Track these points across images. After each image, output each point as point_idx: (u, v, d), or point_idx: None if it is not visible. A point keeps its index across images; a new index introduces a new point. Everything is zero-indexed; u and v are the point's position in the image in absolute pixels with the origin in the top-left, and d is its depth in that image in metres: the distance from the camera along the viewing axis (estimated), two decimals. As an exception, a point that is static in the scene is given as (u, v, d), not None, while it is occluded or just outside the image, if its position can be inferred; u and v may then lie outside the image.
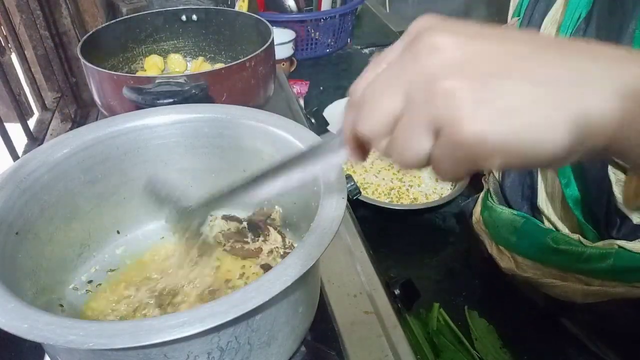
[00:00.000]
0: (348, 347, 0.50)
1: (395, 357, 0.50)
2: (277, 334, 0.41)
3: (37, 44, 0.96)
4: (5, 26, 0.96)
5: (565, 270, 0.67)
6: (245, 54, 0.81)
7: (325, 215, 0.40)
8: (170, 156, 0.57)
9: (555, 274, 0.68)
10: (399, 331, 0.52)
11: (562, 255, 0.66)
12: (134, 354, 0.34)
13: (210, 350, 0.36)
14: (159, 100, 0.60)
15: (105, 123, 0.54)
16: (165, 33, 0.88)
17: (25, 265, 0.45)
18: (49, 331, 0.32)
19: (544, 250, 0.67)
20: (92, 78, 0.71)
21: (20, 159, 0.48)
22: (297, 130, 0.52)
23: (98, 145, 0.53)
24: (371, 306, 0.55)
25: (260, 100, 0.76)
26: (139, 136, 0.55)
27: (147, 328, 0.31)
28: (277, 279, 0.34)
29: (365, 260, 0.61)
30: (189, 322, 0.32)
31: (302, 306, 0.43)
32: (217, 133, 0.56)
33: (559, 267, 0.67)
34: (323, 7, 1.43)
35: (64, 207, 0.50)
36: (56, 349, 0.39)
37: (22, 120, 0.92)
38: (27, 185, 0.47)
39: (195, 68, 0.90)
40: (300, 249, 0.37)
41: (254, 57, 0.70)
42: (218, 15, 0.87)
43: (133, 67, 0.88)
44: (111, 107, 0.71)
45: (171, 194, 0.48)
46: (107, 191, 0.55)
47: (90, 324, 0.32)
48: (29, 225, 0.46)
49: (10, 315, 0.33)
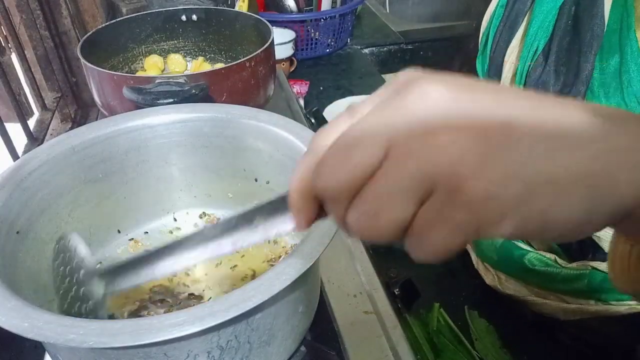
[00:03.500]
0: (348, 347, 0.50)
1: (395, 357, 0.50)
2: (277, 333, 0.41)
3: (37, 44, 0.96)
4: (5, 26, 0.96)
5: (545, 289, 0.67)
6: (245, 54, 0.81)
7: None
8: (170, 155, 0.57)
9: (536, 292, 0.69)
10: (399, 331, 0.52)
11: (540, 275, 0.66)
12: (134, 353, 0.34)
13: (210, 349, 0.36)
14: (159, 100, 0.60)
15: (106, 122, 0.54)
16: (165, 33, 0.88)
17: (26, 264, 0.45)
18: (49, 330, 0.32)
19: (523, 270, 0.68)
20: (92, 78, 0.71)
21: (21, 159, 0.48)
22: (298, 129, 0.52)
23: (99, 145, 0.53)
24: (371, 306, 0.55)
25: (260, 100, 0.76)
26: (139, 135, 0.55)
27: (147, 327, 0.32)
28: (276, 278, 0.34)
29: (365, 260, 0.61)
30: (189, 321, 0.32)
31: (302, 305, 0.43)
32: (218, 132, 0.56)
33: (538, 285, 0.68)
34: (323, 7, 1.43)
35: (65, 206, 0.50)
36: (57, 348, 0.39)
37: (22, 120, 0.92)
38: (28, 185, 0.47)
39: (195, 68, 0.90)
40: (300, 248, 0.37)
41: (254, 57, 0.70)
42: (218, 15, 0.87)
43: (133, 67, 0.88)
44: (111, 107, 0.71)
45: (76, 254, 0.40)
46: (108, 190, 0.55)
47: (90, 322, 0.32)
48: (29, 224, 0.46)
49: (11, 314, 0.33)
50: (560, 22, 0.58)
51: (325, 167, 0.21)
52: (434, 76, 0.21)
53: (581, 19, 0.56)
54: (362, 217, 0.21)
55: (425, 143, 0.19)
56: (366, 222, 0.21)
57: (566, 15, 0.57)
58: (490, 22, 0.70)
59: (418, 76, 0.21)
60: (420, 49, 1.61)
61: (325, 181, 0.21)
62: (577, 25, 0.56)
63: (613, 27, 0.53)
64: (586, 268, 0.62)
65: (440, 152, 0.19)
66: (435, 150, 0.19)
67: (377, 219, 0.20)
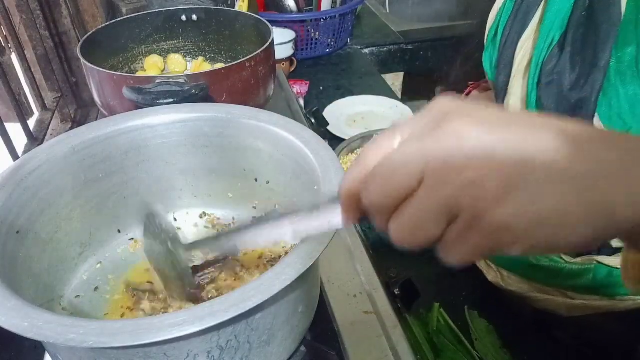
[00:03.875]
0: (348, 347, 0.51)
1: (395, 357, 0.50)
2: (276, 333, 0.41)
3: (37, 44, 0.96)
4: (5, 26, 0.96)
5: (549, 285, 0.67)
6: (245, 54, 0.81)
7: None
8: (170, 155, 0.57)
9: (539, 288, 0.69)
10: (399, 331, 0.52)
11: (545, 271, 0.66)
12: (134, 353, 0.34)
13: (210, 349, 0.36)
14: (159, 100, 0.60)
15: (106, 122, 0.54)
16: (165, 33, 0.88)
17: (26, 264, 0.45)
18: (49, 330, 0.32)
19: (527, 266, 0.68)
20: (92, 78, 0.71)
21: (21, 159, 0.48)
22: (298, 129, 0.52)
23: (99, 145, 0.53)
24: (371, 306, 0.55)
25: (260, 100, 0.76)
26: (139, 135, 0.55)
27: (147, 327, 0.32)
28: (276, 278, 0.34)
29: (365, 260, 0.61)
30: (189, 321, 0.32)
31: (301, 305, 0.43)
32: (218, 132, 0.56)
33: (542, 282, 0.68)
34: (323, 7, 1.43)
35: (65, 206, 0.51)
36: (57, 348, 0.39)
37: (22, 120, 0.92)
38: (28, 185, 0.47)
39: (195, 68, 0.90)
40: (300, 248, 0.37)
41: (254, 57, 0.70)
42: (218, 15, 0.87)
43: (133, 67, 0.88)
44: (111, 107, 0.71)
45: (168, 230, 0.46)
46: (108, 190, 0.55)
47: (90, 322, 0.32)
48: (29, 224, 0.46)
49: (11, 313, 0.33)
50: (575, 13, 0.59)
51: (373, 185, 0.26)
52: (467, 111, 0.25)
53: (597, 10, 0.56)
54: (402, 229, 0.26)
55: (455, 176, 0.24)
56: (405, 233, 0.26)
57: (581, 6, 0.58)
58: (499, 15, 0.70)
59: (454, 110, 0.25)
60: (420, 49, 1.61)
61: (372, 197, 0.26)
62: (593, 16, 0.57)
63: (629, 17, 0.53)
64: (591, 263, 0.61)
65: (465, 185, 0.23)
66: (462, 183, 0.23)
67: (414, 232, 0.25)
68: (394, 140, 0.27)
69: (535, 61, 0.61)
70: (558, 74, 0.59)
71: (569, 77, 0.58)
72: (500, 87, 0.67)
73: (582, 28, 0.58)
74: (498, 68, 0.68)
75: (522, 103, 0.64)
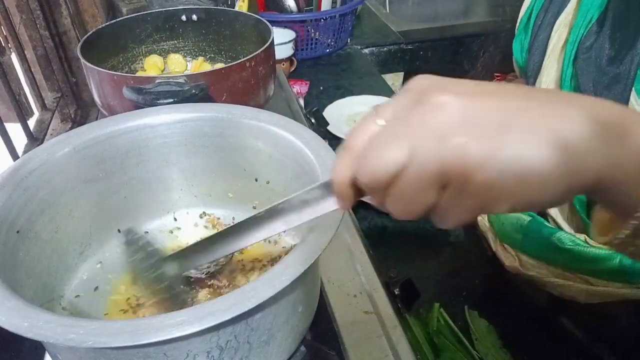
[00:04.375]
0: (348, 347, 0.51)
1: (395, 357, 0.50)
2: (276, 333, 0.41)
3: (37, 44, 0.96)
4: (5, 26, 0.96)
5: (570, 270, 0.67)
6: (245, 54, 0.81)
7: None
8: (171, 155, 0.57)
9: (559, 274, 0.68)
10: (399, 331, 0.52)
11: (568, 254, 0.65)
12: (134, 353, 0.34)
13: (210, 349, 0.36)
14: (159, 100, 0.60)
15: (106, 122, 0.54)
16: (165, 33, 0.88)
17: (26, 263, 0.45)
18: (49, 330, 0.32)
19: (549, 250, 0.67)
20: (92, 78, 0.71)
21: (21, 158, 0.48)
22: (298, 129, 0.52)
23: (99, 144, 0.53)
24: (371, 306, 0.55)
25: (260, 100, 0.76)
26: (139, 135, 0.55)
27: (146, 327, 0.32)
28: (276, 278, 0.34)
29: (365, 260, 0.61)
30: (188, 321, 0.32)
31: (301, 305, 0.43)
32: (218, 132, 0.56)
33: (563, 266, 0.67)
34: (323, 7, 1.43)
35: (65, 206, 0.51)
36: (57, 348, 0.39)
37: (22, 120, 0.92)
38: (28, 184, 0.47)
39: (195, 68, 0.90)
40: (299, 248, 0.37)
41: (254, 57, 0.70)
42: (218, 15, 0.87)
43: (133, 67, 0.88)
44: (111, 107, 0.71)
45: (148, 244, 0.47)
46: (108, 190, 0.55)
47: (90, 322, 0.32)
48: (29, 224, 0.46)
49: (11, 313, 0.33)
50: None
51: (365, 168, 0.27)
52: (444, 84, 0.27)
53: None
54: (398, 203, 0.27)
55: (441, 144, 0.25)
56: (402, 206, 0.27)
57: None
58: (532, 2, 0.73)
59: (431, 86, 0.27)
60: (420, 49, 1.61)
61: (367, 177, 0.27)
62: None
63: None
64: None
65: (451, 154, 0.25)
66: (448, 152, 0.25)
67: (410, 204, 0.27)
68: (378, 121, 0.28)
69: (572, 39, 0.63)
70: (596, 49, 0.61)
71: (607, 53, 0.60)
72: (532, 69, 0.70)
73: (622, 5, 0.60)
74: (530, 51, 0.70)
75: (555, 83, 0.66)
